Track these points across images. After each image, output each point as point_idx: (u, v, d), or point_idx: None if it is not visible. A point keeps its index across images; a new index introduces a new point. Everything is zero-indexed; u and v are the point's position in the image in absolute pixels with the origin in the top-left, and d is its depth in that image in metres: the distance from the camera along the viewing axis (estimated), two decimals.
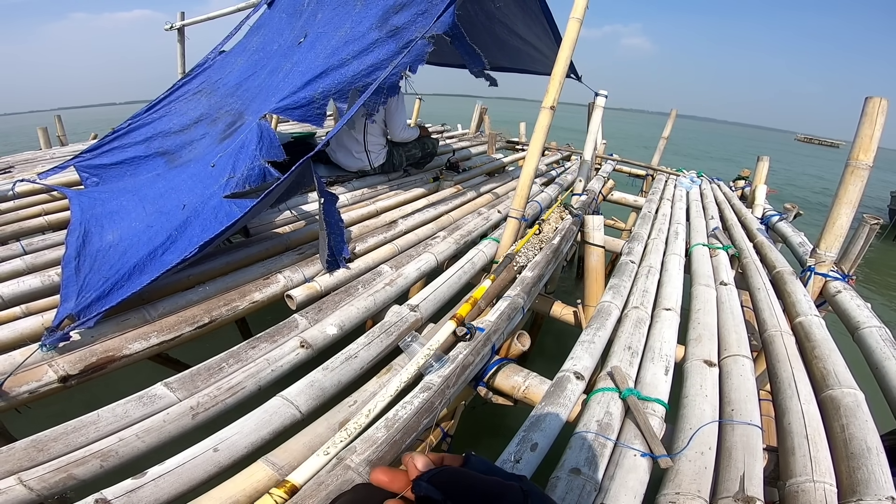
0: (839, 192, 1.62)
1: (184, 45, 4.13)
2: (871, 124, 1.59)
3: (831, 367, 1.17)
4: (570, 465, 0.86)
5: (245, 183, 1.72)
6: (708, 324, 1.39)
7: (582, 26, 1.72)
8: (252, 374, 1.00)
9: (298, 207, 2.08)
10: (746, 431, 0.96)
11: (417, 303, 1.40)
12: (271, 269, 1.51)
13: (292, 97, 1.98)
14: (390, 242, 1.86)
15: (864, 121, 1.61)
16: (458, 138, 4.87)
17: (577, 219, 2.01)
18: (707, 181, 3.88)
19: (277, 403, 0.91)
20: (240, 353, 1.07)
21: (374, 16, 2.19)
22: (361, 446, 0.82)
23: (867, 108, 1.62)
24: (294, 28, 2.65)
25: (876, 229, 1.75)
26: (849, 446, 0.92)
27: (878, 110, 1.59)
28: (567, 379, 1.12)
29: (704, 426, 0.98)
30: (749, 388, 1.11)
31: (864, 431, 0.94)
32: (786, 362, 1.20)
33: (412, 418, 0.90)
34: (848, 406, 1.02)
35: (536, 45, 3.23)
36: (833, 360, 1.20)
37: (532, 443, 0.92)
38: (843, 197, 1.61)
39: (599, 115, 2.52)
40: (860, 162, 1.58)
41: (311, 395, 0.95)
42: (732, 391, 1.11)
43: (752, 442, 0.94)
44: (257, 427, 0.85)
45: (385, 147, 2.77)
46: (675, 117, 4.91)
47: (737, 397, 1.08)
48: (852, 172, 1.59)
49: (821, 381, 1.15)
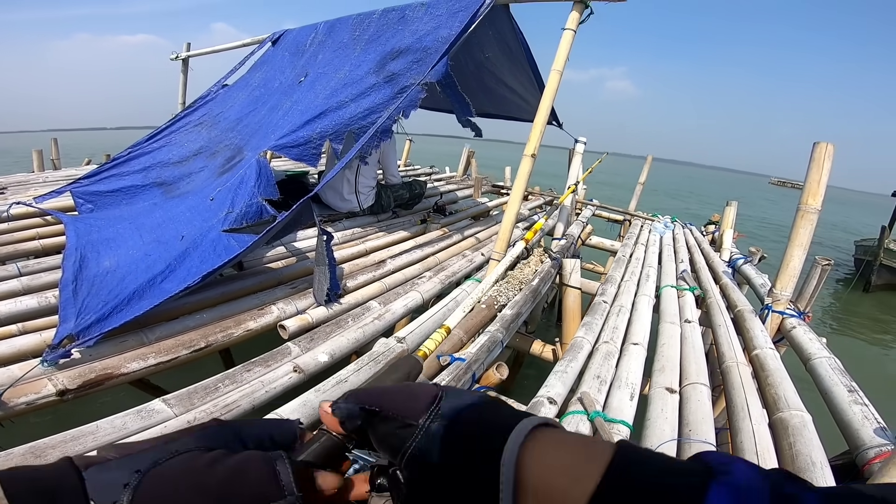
0: (791, 235, 1.81)
1: (187, 76, 4.34)
2: (819, 169, 1.75)
3: (782, 393, 1.34)
4: None
5: (243, 219, 1.86)
6: (671, 356, 1.57)
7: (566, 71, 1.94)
8: (247, 393, 1.11)
9: (290, 244, 2.22)
10: (702, 449, 1.10)
11: (404, 335, 1.54)
12: (265, 301, 1.63)
13: (291, 136, 2.14)
14: (379, 280, 2.00)
15: (812, 166, 1.76)
16: (446, 181, 5.13)
17: (556, 262, 2.20)
18: (680, 226, 4.21)
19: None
20: (235, 375, 1.18)
21: (372, 61, 2.39)
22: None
23: (814, 153, 1.76)
24: (296, 67, 2.86)
25: (828, 269, 1.95)
26: (796, 461, 1.06)
27: (824, 155, 1.75)
28: (541, 403, 1.25)
29: (664, 444, 1.12)
30: (705, 411, 1.27)
31: (809, 448, 1.08)
32: (740, 389, 1.37)
33: None
34: (795, 426, 1.18)
35: (522, 93, 3.53)
36: (784, 387, 1.37)
37: None
38: (795, 240, 1.79)
39: (579, 161, 2.77)
40: (809, 206, 1.77)
41: (304, 413, 1.07)
42: (690, 414, 1.26)
43: None
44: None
45: (374, 189, 2.95)
46: (651, 162, 5.31)
47: (694, 419, 1.23)
48: (802, 216, 1.78)
49: (773, 405, 1.31)
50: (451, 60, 2.17)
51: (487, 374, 1.47)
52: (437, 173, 5.67)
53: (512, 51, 2.97)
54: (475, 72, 3.25)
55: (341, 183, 2.78)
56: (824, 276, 1.95)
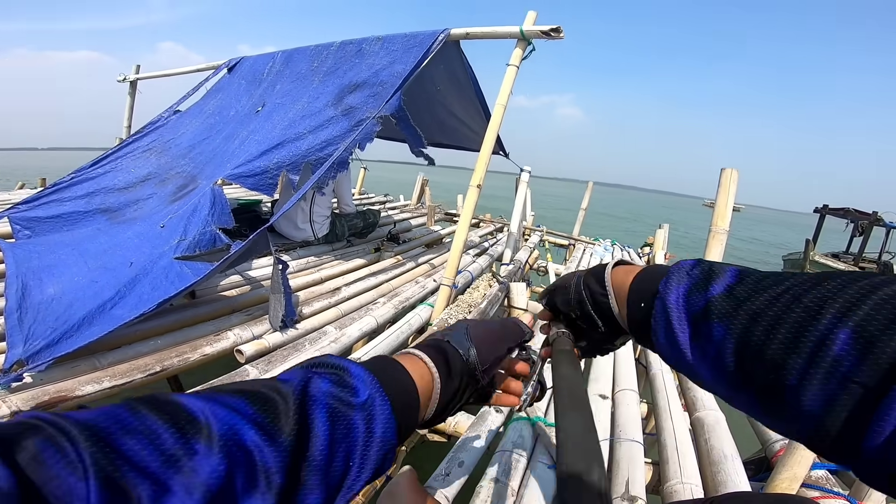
0: (705, 255, 2.02)
1: (134, 98, 4.27)
2: (726, 193, 1.98)
3: (699, 395, 1.55)
4: (491, 476, 1.09)
5: (196, 247, 1.90)
6: (604, 366, 1.77)
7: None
8: None
9: (245, 273, 2.26)
10: (630, 447, 1.27)
11: (359, 356, 1.63)
12: (221, 328, 1.68)
13: (248, 165, 2.20)
14: (334, 307, 2.08)
15: (720, 191, 1.98)
16: (400, 209, 5.28)
17: (503, 286, 2.38)
18: (619, 248, 4.58)
19: None
20: None
21: (330, 93, 2.49)
22: None
23: (722, 178, 1.98)
24: (252, 96, 2.91)
25: None
26: (710, 455, 1.23)
27: (730, 180, 1.98)
28: (488, 412, 1.39)
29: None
30: (633, 413, 1.45)
31: (722, 442, 1.26)
32: (663, 392, 1.58)
33: None
34: (710, 424, 1.37)
35: (470, 124, 3.75)
36: (700, 390, 1.56)
37: (459, 461, 1.14)
38: (710, 259, 2.05)
39: (524, 189, 2.99)
40: (719, 227, 2.01)
41: None
42: (620, 416, 1.43)
43: (634, 454, 1.23)
44: None
45: (329, 218, 3.04)
46: (593, 189, 5.75)
47: (623, 421, 1.40)
48: (714, 237, 2.02)
49: (692, 406, 1.51)
50: (406, 94, 2.31)
51: None
52: (392, 202, 5.81)
53: (462, 84, 3.17)
54: (428, 104, 3.45)
55: (296, 212, 2.84)
56: None
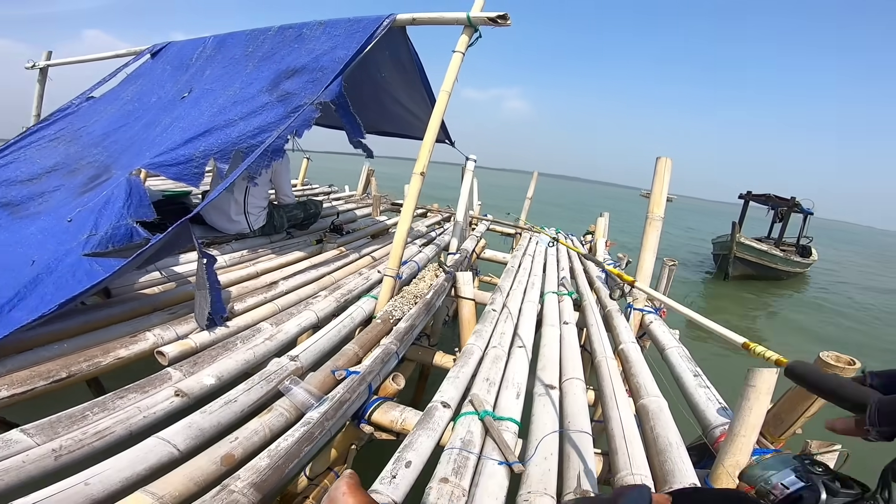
0: (643, 241, 2.16)
1: (44, 87, 3.91)
2: (661, 181, 2.08)
3: (643, 382, 1.58)
4: (440, 476, 1.06)
5: (109, 242, 1.74)
6: (551, 356, 1.78)
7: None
8: (121, 420, 1.07)
9: (169, 268, 2.11)
10: (580, 437, 1.26)
11: (298, 353, 1.56)
12: (139, 328, 1.55)
13: (170, 153, 2.06)
14: (271, 302, 1.99)
15: (655, 179, 2.09)
16: (345, 200, 5.17)
17: (450, 275, 2.37)
18: (563, 236, 4.72)
19: (153, 443, 1.00)
20: (106, 403, 1.12)
21: (265, 79, 2.39)
22: (245, 474, 0.95)
23: (657, 167, 2.08)
24: (178, 82, 2.74)
25: (674, 269, 2.36)
26: (657, 443, 1.23)
27: (664, 168, 2.08)
28: (435, 408, 1.36)
29: (546, 436, 1.26)
30: (581, 403, 1.46)
31: (666, 430, 1.27)
32: (608, 380, 1.59)
33: (293, 447, 1.05)
34: (654, 411, 1.39)
35: (416, 112, 3.71)
36: (644, 377, 1.62)
37: (406, 461, 1.10)
38: (647, 245, 2.15)
39: (469, 178, 3.00)
40: (655, 215, 2.13)
41: (190, 434, 1.06)
42: (569, 407, 1.44)
43: (584, 445, 1.22)
44: (132, 463, 0.93)
45: (265, 209, 2.91)
46: (537, 178, 5.92)
47: (572, 411, 1.40)
48: (650, 224, 2.14)
49: (636, 393, 1.55)
50: (348, 80, 2.25)
51: (384, 385, 1.55)
52: (336, 192, 5.69)
53: (407, 71, 3.13)
54: (372, 91, 3.38)
55: (228, 204, 2.70)
56: (671, 275, 2.36)
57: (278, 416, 1.23)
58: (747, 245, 9.99)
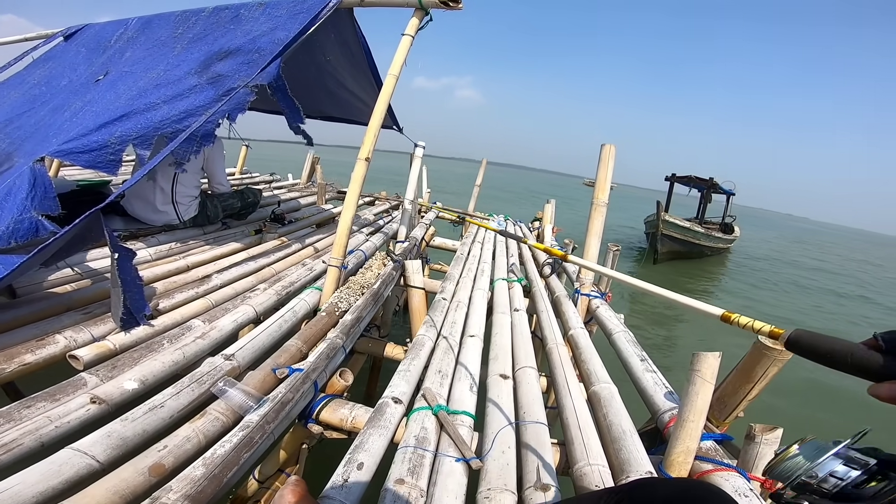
0: (588, 226, 2.23)
1: None
2: (605, 168, 2.16)
3: (593, 368, 1.62)
4: (395, 477, 1.03)
5: (11, 237, 1.60)
6: (503, 345, 1.80)
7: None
8: (30, 431, 0.98)
9: (83, 264, 1.96)
10: (536, 429, 1.27)
11: (233, 352, 1.49)
12: (47, 331, 1.43)
13: (81, 140, 1.92)
14: (203, 297, 1.89)
15: (600, 165, 2.16)
16: (289, 189, 5.01)
17: (398, 264, 2.35)
18: (512, 223, 4.84)
19: (67, 455, 0.92)
20: (11, 413, 1.02)
21: (195, 60, 2.27)
22: (178, 485, 0.89)
23: (602, 153, 2.15)
24: (93, 64, 2.56)
25: (618, 254, 2.46)
26: (611, 432, 1.24)
27: (609, 155, 2.16)
28: (386, 404, 1.33)
29: (503, 429, 1.25)
30: (535, 393, 1.47)
31: (619, 417, 1.30)
32: (560, 368, 1.62)
33: (231, 454, 0.99)
34: (606, 398, 1.42)
35: (363, 97, 3.65)
36: (594, 363, 1.66)
37: (358, 463, 1.06)
38: (592, 230, 2.22)
39: (418, 165, 2.98)
40: (600, 200, 2.20)
41: (110, 444, 0.98)
42: (523, 397, 1.45)
43: (540, 437, 1.23)
44: (45, 477, 0.85)
45: (197, 198, 2.76)
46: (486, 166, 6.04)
47: (526, 401, 1.41)
48: (595, 209, 2.21)
49: (587, 380, 1.58)
50: (290, 63, 2.16)
51: (332, 381, 1.52)
52: (279, 181, 5.51)
53: (354, 55, 3.06)
54: (316, 74, 3.29)
55: (153, 193, 2.54)
56: (616, 260, 2.46)
57: (213, 420, 1.17)
58: (672, 222, 10.88)
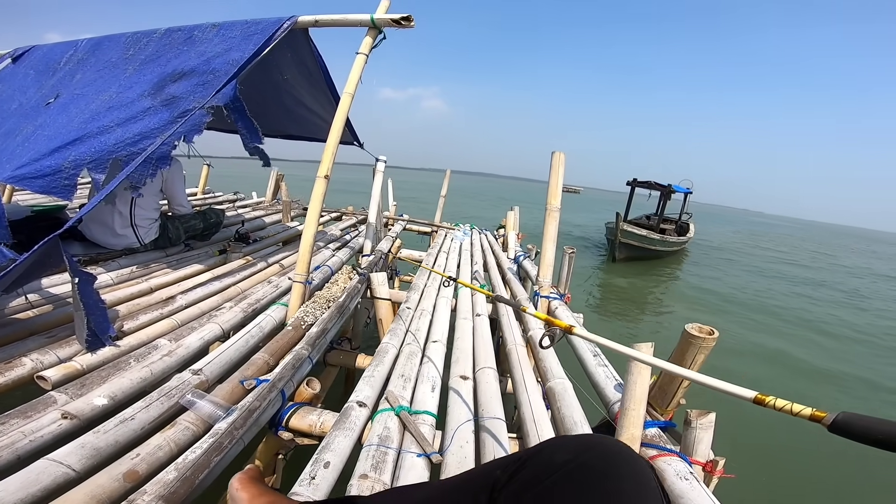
0: (544, 231, 2.35)
1: None
2: (556, 174, 2.29)
3: (549, 365, 1.75)
4: (360, 473, 1.12)
5: None
6: (464, 348, 1.92)
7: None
8: (6, 445, 1.03)
9: (44, 290, 1.98)
10: (494, 424, 1.38)
11: (201, 367, 1.56)
12: (13, 354, 1.46)
13: (33, 165, 1.94)
14: (168, 317, 1.95)
15: (551, 172, 2.28)
16: (253, 207, 5.04)
17: (364, 277, 2.45)
18: (477, 232, 5.06)
19: (44, 465, 0.98)
20: None
21: (148, 82, 2.29)
22: (151, 488, 0.97)
23: (552, 161, 2.26)
24: (42, 87, 2.57)
25: (573, 257, 2.61)
26: (564, 423, 1.37)
27: (559, 162, 2.29)
28: (351, 408, 1.42)
29: (462, 425, 1.37)
30: (493, 391, 1.60)
31: (571, 410, 1.43)
32: (518, 367, 1.75)
33: (202, 458, 1.06)
34: (559, 392, 1.55)
35: (321, 114, 3.72)
36: (550, 361, 1.79)
37: (325, 462, 1.15)
38: (547, 235, 2.35)
39: (380, 179, 3.10)
40: (553, 206, 2.34)
41: (84, 455, 1.04)
42: (482, 395, 1.57)
43: (498, 431, 1.35)
44: (24, 486, 0.91)
45: (157, 221, 2.79)
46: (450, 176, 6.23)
47: (485, 399, 1.53)
48: (549, 215, 2.34)
49: (544, 377, 1.71)
50: (247, 83, 2.21)
51: (299, 390, 1.60)
52: (243, 199, 5.53)
53: (311, 73, 3.14)
54: (275, 94, 3.36)
55: (111, 217, 2.55)
56: (572, 263, 2.62)
57: (184, 430, 1.24)
58: (629, 231, 11.92)
